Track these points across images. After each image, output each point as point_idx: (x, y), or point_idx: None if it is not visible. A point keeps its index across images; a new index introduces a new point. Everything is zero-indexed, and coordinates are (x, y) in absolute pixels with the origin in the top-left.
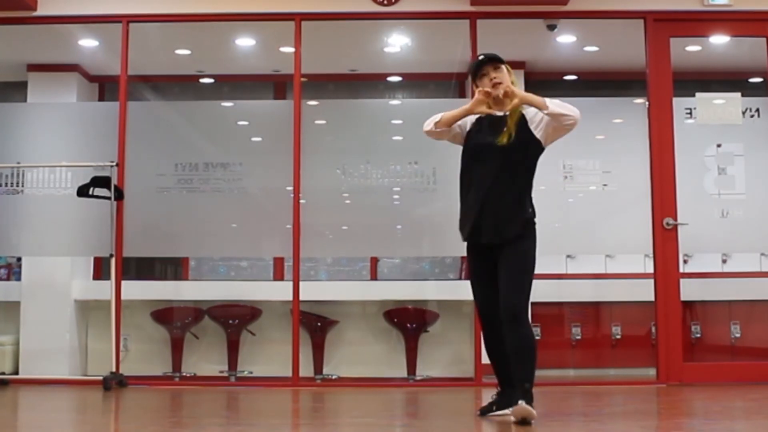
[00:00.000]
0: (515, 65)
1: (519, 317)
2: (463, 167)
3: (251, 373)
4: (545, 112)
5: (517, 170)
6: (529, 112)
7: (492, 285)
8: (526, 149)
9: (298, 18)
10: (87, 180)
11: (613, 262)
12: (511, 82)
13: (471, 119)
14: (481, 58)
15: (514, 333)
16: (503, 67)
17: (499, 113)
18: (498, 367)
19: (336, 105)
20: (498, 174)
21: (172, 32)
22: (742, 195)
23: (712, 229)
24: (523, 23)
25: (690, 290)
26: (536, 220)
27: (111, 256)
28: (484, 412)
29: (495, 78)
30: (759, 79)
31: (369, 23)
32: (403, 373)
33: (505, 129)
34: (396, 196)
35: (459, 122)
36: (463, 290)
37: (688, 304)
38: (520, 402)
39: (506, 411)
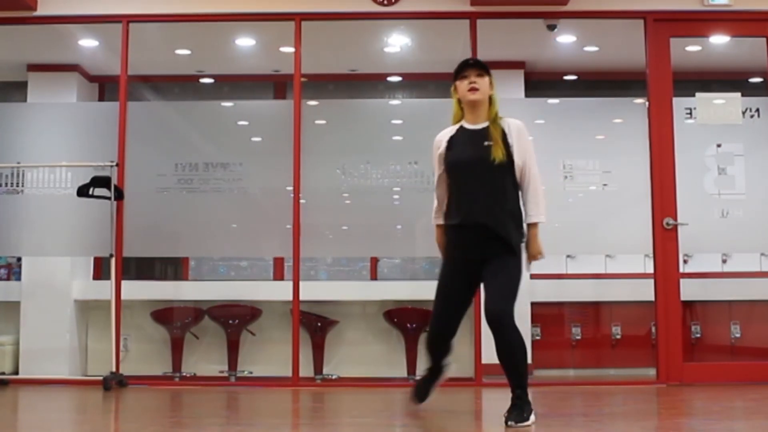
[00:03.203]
0: (515, 65)
1: (510, 323)
2: (450, 182)
3: (251, 373)
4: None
5: (507, 184)
6: (509, 128)
7: (459, 303)
8: (511, 163)
9: (298, 18)
10: (87, 180)
11: (613, 262)
12: (490, 95)
13: (446, 136)
14: (470, 61)
15: (506, 337)
16: (488, 78)
17: (475, 126)
18: (439, 349)
19: (336, 105)
20: (489, 188)
21: (172, 32)
22: (742, 195)
23: (712, 229)
24: (523, 23)
25: (690, 290)
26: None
27: (111, 256)
28: (421, 395)
29: (473, 83)
30: (759, 79)
31: (369, 23)
32: (403, 373)
33: (490, 143)
34: (396, 196)
35: (436, 145)
36: None
37: (688, 304)
38: (510, 423)
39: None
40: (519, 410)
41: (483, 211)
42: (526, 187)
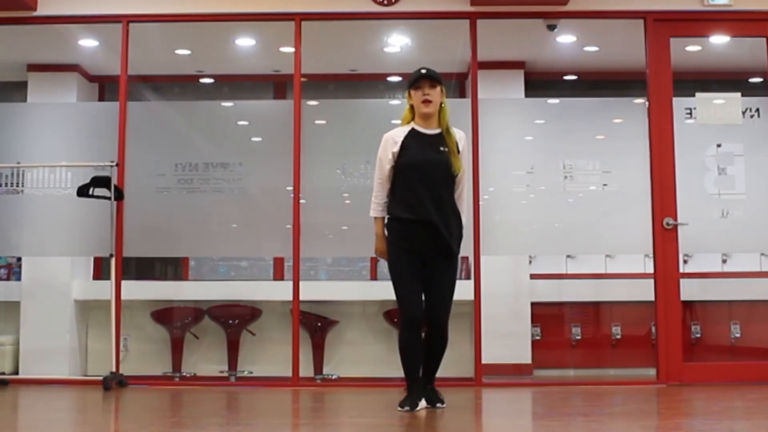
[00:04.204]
0: (515, 65)
1: (446, 324)
2: (403, 180)
3: (251, 373)
4: None
5: (453, 190)
6: (460, 139)
7: (420, 287)
8: (456, 172)
9: (298, 18)
10: (87, 180)
11: (613, 262)
12: (441, 102)
13: (399, 136)
14: (423, 72)
15: (442, 337)
16: (439, 87)
17: (429, 131)
18: (416, 365)
19: (336, 105)
20: (443, 191)
21: (172, 32)
22: (742, 195)
23: (712, 229)
24: (523, 23)
25: (690, 290)
26: None
27: (111, 256)
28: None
29: (427, 95)
30: (759, 79)
31: (369, 23)
32: (403, 373)
33: (445, 149)
34: None
35: (390, 146)
36: (462, 290)
37: (688, 304)
38: (439, 406)
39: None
40: (438, 395)
41: (436, 213)
42: (461, 191)
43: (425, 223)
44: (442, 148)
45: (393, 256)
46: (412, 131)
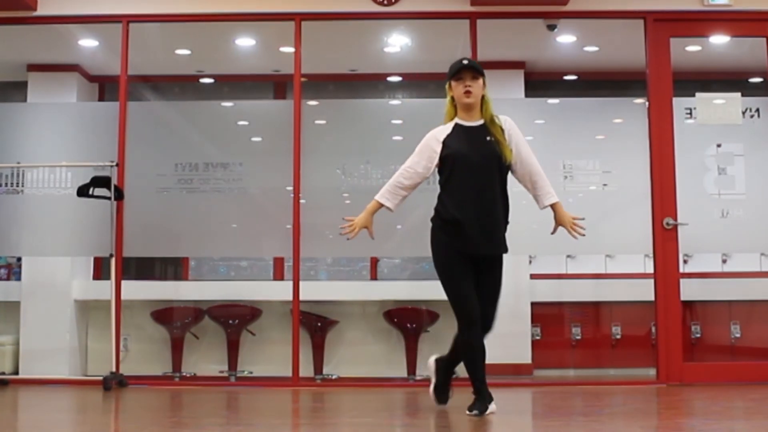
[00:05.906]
0: (515, 65)
1: (491, 326)
2: (448, 175)
3: (251, 373)
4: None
5: (503, 181)
6: (506, 125)
7: (473, 286)
8: (507, 161)
9: (298, 18)
10: (87, 180)
11: (613, 262)
12: (483, 95)
13: (442, 133)
14: (465, 63)
15: (483, 340)
16: (481, 80)
17: (473, 123)
18: (483, 367)
19: (336, 105)
20: (492, 185)
21: (172, 32)
22: (742, 195)
23: (712, 229)
24: (523, 23)
25: (690, 290)
26: None
27: (111, 256)
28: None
29: (469, 86)
30: (759, 79)
31: (369, 23)
32: (403, 373)
33: (491, 138)
34: None
35: (433, 139)
36: None
37: (688, 304)
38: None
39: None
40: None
41: (480, 212)
42: (537, 172)
43: (473, 224)
44: (488, 138)
45: (443, 256)
46: (456, 126)
